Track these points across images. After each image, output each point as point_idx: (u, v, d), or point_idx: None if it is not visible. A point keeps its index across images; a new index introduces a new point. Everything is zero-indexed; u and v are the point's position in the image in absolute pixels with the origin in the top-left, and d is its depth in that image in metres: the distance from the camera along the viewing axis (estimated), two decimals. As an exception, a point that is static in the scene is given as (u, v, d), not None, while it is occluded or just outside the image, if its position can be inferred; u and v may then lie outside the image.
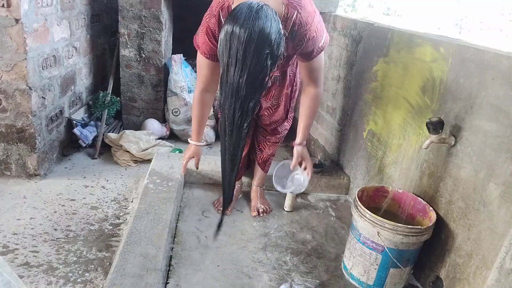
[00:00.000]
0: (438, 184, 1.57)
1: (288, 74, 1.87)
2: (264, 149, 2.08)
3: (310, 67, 1.67)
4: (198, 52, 1.66)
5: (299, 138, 1.82)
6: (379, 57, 2.02)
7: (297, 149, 1.81)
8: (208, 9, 1.59)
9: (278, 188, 1.95)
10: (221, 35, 1.30)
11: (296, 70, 1.89)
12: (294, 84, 1.94)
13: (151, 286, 1.37)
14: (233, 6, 1.48)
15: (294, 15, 1.48)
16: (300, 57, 1.65)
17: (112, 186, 2.31)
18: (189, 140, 1.86)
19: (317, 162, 2.44)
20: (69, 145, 2.65)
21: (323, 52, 1.65)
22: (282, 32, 1.34)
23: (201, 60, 1.66)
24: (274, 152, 2.12)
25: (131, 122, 3.04)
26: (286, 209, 2.13)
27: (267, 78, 1.32)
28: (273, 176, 1.95)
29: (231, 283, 1.58)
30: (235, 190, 2.13)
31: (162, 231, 1.67)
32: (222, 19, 1.51)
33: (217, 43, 1.34)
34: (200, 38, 1.61)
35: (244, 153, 2.08)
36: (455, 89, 1.50)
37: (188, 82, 2.99)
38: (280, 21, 1.34)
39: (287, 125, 2.05)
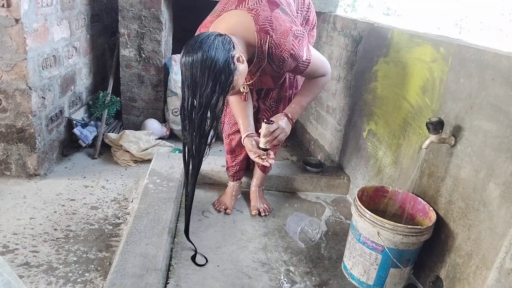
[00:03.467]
0: (438, 184, 1.57)
1: (288, 77, 1.86)
2: None
3: (308, 74, 1.66)
4: None
5: (286, 108, 1.71)
6: (379, 57, 2.02)
7: (277, 115, 1.68)
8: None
9: (294, 237, 1.88)
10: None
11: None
12: (295, 87, 1.93)
13: (151, 286, 1.37)
14: None
15: (267, 40, 1.50)
16: (292, 73, 1.66)
17: (112, 186, 2.31)
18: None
19: (317, 162, 2.44)
20: (69, 145, 2.65)
21: (314, 55, 1.62)
22: (236, 60, 1.39)
23: None
24: (274, 154, 2.12)
25: (131, 122, 3.04)
26: (261, 145, 1.70)
27: (220, 104, 1.40)
28: (289, 226, 1.91)
29: (231, 283, 1.58)
30: (234, 189, 2.14)
31: (162, 231, 1.67)
32: None
33: None
34: None
35: (243, 155, 2.08)
36: (455, 89, 1.50)
37: (188, 82, 2.98)
38: (232, 50, 1.38)
39: None
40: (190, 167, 1.53)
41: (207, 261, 1.68)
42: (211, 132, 1.45)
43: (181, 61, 1.37)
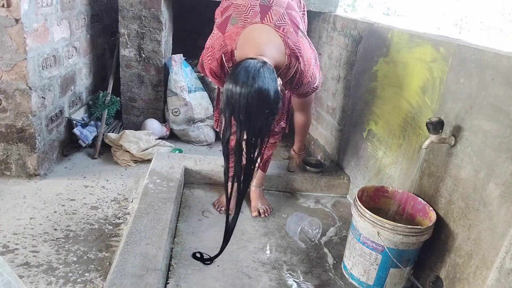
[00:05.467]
0: (438, 184, 1.57)
1: None
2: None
3: (303, 102, 1.82)
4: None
5: (295, 146, 2.18)
6: (379, 57, 2.02)
7: (292, 153, 2.23)
8: (206, 50, 1.64)
9: (294, 236, 1.89)
10: (224, 92, 1.36)
11: None
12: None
13: (151, 286, 1.37)
14: (236, 52, 1.54)
15: (295, 65, 1.55)
16: (295, 95, 1.77)
17: (112, 186, 2.31)
18: None
19: (317, 162, 2.44)
20: (69, 145, 2.65)
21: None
22: (280, 88, 1.41)
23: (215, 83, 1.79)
24: (273, 152, 2.12)
25: (131, 122, 3.04)
26: (290, 169, 2.33)
27: (269, 130, 1.43)
28: (289, 226, 1.93)
29: (231, 283, 1.58)
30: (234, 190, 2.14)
31: (162, 231, 1.67)
32: (225, 63, 1.58)
33: (225, 78, 1.46)
34: (207, 73, 1.70)
35: None
36: (455, 89, 1.50)
37: (188, 82, 2.98)
38: (277, 79, 1.39)
39: (283, 123, 2.05)
40: (237, 193, 1.50)
41: (210, 260, 1.67)
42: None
43: (231, 92, 1.31)
